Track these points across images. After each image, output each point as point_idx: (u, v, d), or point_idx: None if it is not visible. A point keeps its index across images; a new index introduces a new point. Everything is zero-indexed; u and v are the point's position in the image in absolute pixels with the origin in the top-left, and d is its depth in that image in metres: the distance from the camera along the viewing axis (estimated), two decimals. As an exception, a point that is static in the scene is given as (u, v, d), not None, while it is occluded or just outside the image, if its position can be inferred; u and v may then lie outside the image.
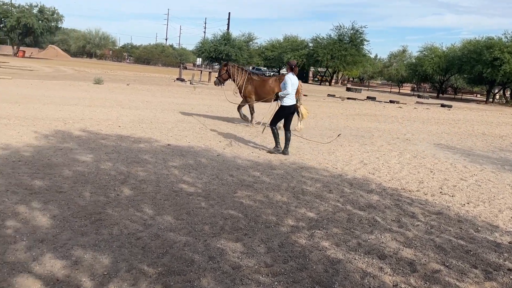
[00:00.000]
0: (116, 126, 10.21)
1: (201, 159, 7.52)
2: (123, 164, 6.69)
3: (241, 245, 4.13)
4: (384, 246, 4.41)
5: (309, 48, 66.59)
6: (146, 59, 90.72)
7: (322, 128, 13.37)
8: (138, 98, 17.68)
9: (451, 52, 56.94)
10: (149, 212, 4.80)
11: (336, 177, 7.18)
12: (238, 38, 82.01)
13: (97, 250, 3.76)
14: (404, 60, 74.94)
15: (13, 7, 60.24)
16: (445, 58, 56.26)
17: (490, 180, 8.00)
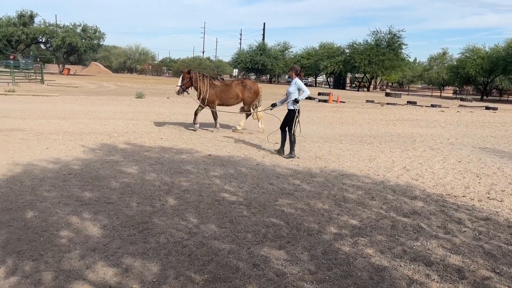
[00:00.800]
0: (159, 138, 10.51)
1: (241, 168, 7.62)
2: (166, 175, 6.88)
3: (285, 252, 4.17)
4: (430, 253, 4.32)
5: (345, 54, 66.05)
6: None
7: (362, 135, 13.22)
8: (178, 110, 18.10)
9: (494, 52, 54.95)
10: (194, 220, 4.92)
11: (378, 184, 7.09)
12: (273, 47, 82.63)
13: (146, 258, 3.90)
14: (445, 62, 72.89)
15: (58, 28, 63.25)
16: (488, 59, 54.34)
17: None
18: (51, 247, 4.03)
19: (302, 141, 11.32)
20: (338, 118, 18.35)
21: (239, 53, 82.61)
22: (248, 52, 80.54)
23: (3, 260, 3.74)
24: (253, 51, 79.62)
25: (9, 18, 59.94)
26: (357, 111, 23.63)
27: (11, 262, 3.71)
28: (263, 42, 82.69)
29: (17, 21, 59.67)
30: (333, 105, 28.05)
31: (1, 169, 6.65)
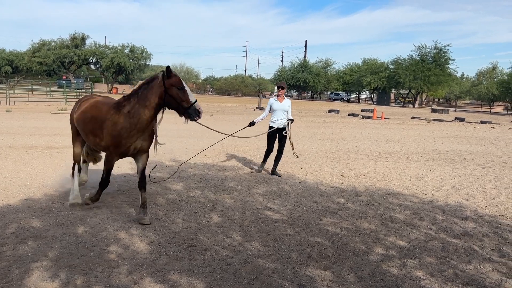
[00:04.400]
0: (203, 155, 10.67)
1: (284, 186, 7.60)
2: (211, 192, 6.96)
3: (330, 273, 4.09)
4: (484, 277, 4.11)
5: (389, 70, 64.98)
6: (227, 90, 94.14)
7: (408, 152, 12.87)
8: (220, 128, 18.33)
9: (549, 65, 52.29)
10: (238, 238, 4.93)
11: (427, 204, 6.85)
12: (315, 64, 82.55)
13: (191, 275, 3.94)
14: (495, 77, 70.18)
15: (107, 49, 66.16)
16: (542, 72, 51.77)
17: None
18: (101, 262, 4.16)
19: (346, 158, 11.17)
20: (383, 135, 17.98)
21: (281, 70, 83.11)
22: (290, 69, 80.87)
23: (56, 273, 3.89)
24: (295, 68, 79.89)
25: (63, 40, 63.30)
26: (403, 127, 23.07)
27: (64, 275, 3.85)
28: (305, 59, 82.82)
29: (70, 43, 62.91)
30: (377, 122, 27.54)
31: (54, 185, 6.96)
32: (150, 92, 5.11)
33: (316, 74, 77.66)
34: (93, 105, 5.65)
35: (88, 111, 5.60)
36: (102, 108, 5.44)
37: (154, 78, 5.21)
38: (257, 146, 12.81)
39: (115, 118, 5.19)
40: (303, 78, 76.75)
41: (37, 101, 30.81)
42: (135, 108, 5.13)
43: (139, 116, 5.11)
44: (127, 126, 5.14)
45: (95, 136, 5.46)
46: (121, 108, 5.21)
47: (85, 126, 5.62)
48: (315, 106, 48.28)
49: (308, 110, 40.20)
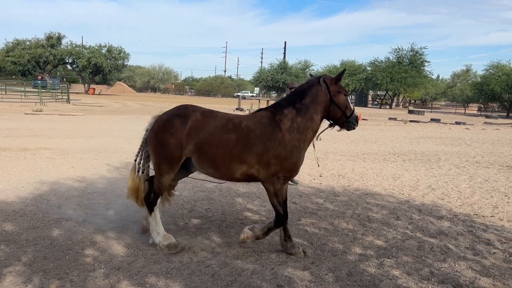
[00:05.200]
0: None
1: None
2: (189, 193, 6.92)
3: (309, 273, 4.11)
4: (459, 275, 4.20)
5: (367, 72, 65.82)
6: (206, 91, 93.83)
7: (385, 153, 13.05)
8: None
9: (520, 68, 53.88)
10: (217, 240, 4.91)
11: (403, 203, 6.96)
12: (294, 66, 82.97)
13: (169, 277, 3.90)
14: (469, 79, 71.90)
15: (84, 48, 65.10)
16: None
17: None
18: (76, 265, 4.08)
19: (325, 159, 11.24)
20: (361, 136, 18.18)
21: (261, 72, 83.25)
22: (269, 70, 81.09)
23: (29, 278, 3.79)
24: (274, 69, 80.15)
25: (38, 40, 62.03)
26: (380, 128, 23.39)
27: (37, 280, 3.76)
28: (284, 60, 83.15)
29: (45, 43, 61.70)
30: (355, 123, 27.74)
31: (28, 188, 6.81)
32: (314, 102, 4.44)
33: (295, 75, 78.03)
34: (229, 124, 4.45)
35: (223, 132, 4.38)
36: (250, 126, 4.41)
37: (313, 85, 4.51)
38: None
39: (279, 136, 4.34)
40: (282, 80, 77.03)
41: (11, 101, 30.08)
42: (298, 122, 4.41)
43: (307, 131, 4.45)
44: (297, 145, 4.40)
45: (241, 163, 4.34)
46: (279, 123, 4.40)
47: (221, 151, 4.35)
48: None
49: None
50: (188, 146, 4.40)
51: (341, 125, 4.65)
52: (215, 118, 4.51)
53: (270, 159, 4.29)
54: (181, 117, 4.50)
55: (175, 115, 4.56)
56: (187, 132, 4.39)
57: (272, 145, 4.30)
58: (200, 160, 4.45)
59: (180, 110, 4.63)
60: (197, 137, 4.38)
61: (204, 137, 4.37)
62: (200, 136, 4.37)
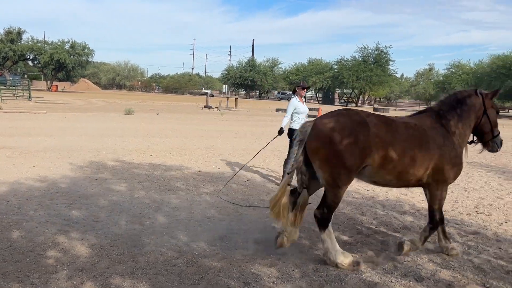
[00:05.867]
0: (148, 155, 10.45)
1: (232, 185, 7.59)
2: (156, 192, 6.83)
3: (276, 270, 4.13)
4: (421, 268, 4.32)
5: (334, 70, 66.80)
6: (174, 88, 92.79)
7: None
8: (167, 126, 18.06)
9: (479, 68, 56.09)
10: (183, 238, 4.87)
11: (368, 199, 7.10)
12: (262, 63, 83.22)
13: (135, 277, 3.84)
14: (431, 78, 74.09)
15: (46, 44, 63.03)
16: (473, 74, 55.43)
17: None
18: (37, 268, 3.95)
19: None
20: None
21: (229, 69, 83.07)
22: (238, 68, 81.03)
23: (-13, 282, 3.65)
24: (243, 67, 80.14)
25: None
26: (346, 126, 23.75)
27: (-4, 283, 3.63)
28: (252, 58, 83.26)
29: (5, 38, 59.39)
30: (322, 121, 28.10)
31: (-14, 188, 6.54)
32: (471, 111, 4.46)
33: (263, 73, 78.33)
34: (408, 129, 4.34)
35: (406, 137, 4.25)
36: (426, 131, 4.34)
37: (471, 95, 4.54)
38: (205, 145, 12.72)
39: (451, 141, 4.38)
40: (251, 77, 77.14)
41: (-33, 98, 28.81)
42: (460, 128, 4.43)
43: (465, 138, 4.48)
44: (461, 150, 4.40)
45: (420, 168, 4.26)
46: (447, 128, 4.41)
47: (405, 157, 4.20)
48: (263, 105, 48.68)
49: (256, 109, 40.47)
50: (371, 154, 4.11)
51: (485, 143, 4.67)
52: (393, 123, 4.33)
53: (444, 163, 4.28)
54: (360, 123, 4.16)
55: (354, 122, 4.16)
56: (371, 139, 4.09)
57: (446, 149, 4.29)
58: (380, 168, 4.20)
59: (354, 116, 4.24)
60: (382, 143, 4.13)
61: (389, 144, 4.14)
62: (385, 143, 4.13)
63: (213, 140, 14.09)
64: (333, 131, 4.09)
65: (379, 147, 4.10)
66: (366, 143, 4.06)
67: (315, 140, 4.18)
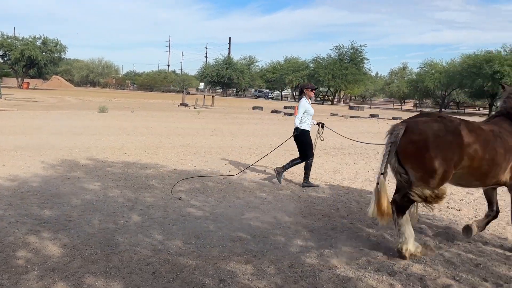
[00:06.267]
0: (122, 153, 10.31)
1: (208, 183, 7.57)
2: (130, 191, 6.74)
3: (251, 267, 4.14)
4: (393, 263, 4.40)
5: (310, 68, 67.30)
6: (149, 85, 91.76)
7: (327, 148, 13.41)
8: (142, 124, 17.85)
9: (451, 67, 57.38)
10: (158, 237, 4.83)
11: (343, 196, 7.19)
12: (239, 61, 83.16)
13: (108, 277, 3.79)
14: (405, 76, 75.48)
15: (17, 40, 61.41)
16: (445, 73, 56.66)
17: (498, 193, 7.96)
18: (7, 268, 3.85)
19: (269, 154, 11.36)
20: (304, 131, 18.56)
21: (205, 67, 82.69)
22: (214, 66, 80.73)
23: (-46, 284, 3.54)
24: (219, 64, 79.89)
25: (-36, 30, 57.76)
26: (322, 124, 23.97)
27: (-38, 286, 3.52)
28: (229, 56, 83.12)
29: (-27, 34, 57.64)
30: (298, 118, 28.31)
31: (-47, 188, 6.34)
32: None
33: (240, 71, 78.28)
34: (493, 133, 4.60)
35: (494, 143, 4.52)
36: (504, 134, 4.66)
37: None
38: (180, 143, 12.62)
39: None
40: (227, 75, 76.99)
41: None
42: None
43: None
44: None
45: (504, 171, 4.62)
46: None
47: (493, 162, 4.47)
48: (239, 103, 48.65)
49: (233, 107, 40.42)
50: (463, 161, 4.28)
51: None
52: (480, 130, 4.51)
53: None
54: (454, 130, 4.31)
55: (448, 128, 4.31)
56: (464, 146, 4.26)
57: None
58: (470, 173, 4.42)
59: (448, 122, 4.39)
60: (473, 150, 4.30)
61: (479, 150, 4.33)
62: (475, 150, 4.31)
63: (189, 138, 14.00)
64: (429, 136, 4.24)
65: (470, 153, 4.30)
66: (460, 150, 4.25)
67: (410, 144, 4.35)
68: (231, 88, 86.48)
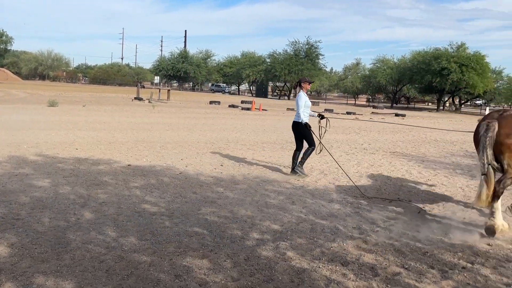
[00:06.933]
0: (73, 148, 9.98)
1: (163, 178, 7.48)
2: (82, 187, 6.55)
3: (207, 261, 4.15)
4: (346, 253, 4.54)
5: (266, 63, 67.59)
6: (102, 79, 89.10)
7: (283, 142, 13.57)
8: (95, 119, 17.34)
9: (402, 63, 59.41)
10: (112, 234, 4.73)
11: (298, 189, 7.31)
12: (195, 55, 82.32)
13: (59, 276, 3.67)
14: (358, 72, 77.41)
15: (-42, 30, 57.88)
16: (396, 69, 58.61)
17: (443, 184, 8.38)
18: None
19: (226, 148, 11.37)
20: (261, 126, 18.70)
21: (160, 60, 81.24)
22: (170, 59, 79.48)
23: None
24: (175, 58, 78.75)
25: None
26: (279, 118, 24.24)
27: None
28: (185, 49, 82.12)
29: None
30: (255, 113, 28.53)
31: None
32: None
33: (196, 65, 77.54)
34: None
35: None
36: None
37: None
38: (135, 138, 12.38)
39: None
40: (183, 69, 76.04)
41: None
42: None
43: None
44: None
45: None
46: None
47: None
48: (196, 97, 48.21)
49: (190, 101, 40.02)
50: None
51: None
52: None
53: None
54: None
55: None
56: None
57: None
58: None
59: None
60: None
61: None
62: None
63: (144, 133, 13.75)
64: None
65: None
66: None
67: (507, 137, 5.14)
68: (188, 82, 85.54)
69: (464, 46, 51.13)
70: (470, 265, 4.36)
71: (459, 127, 24.25)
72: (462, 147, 14.75)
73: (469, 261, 4.47)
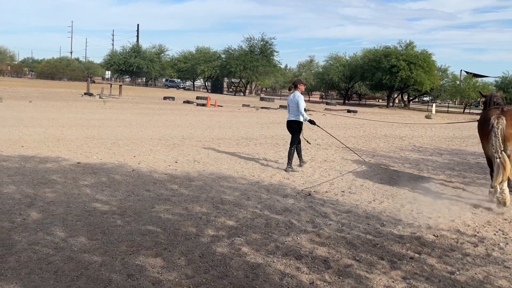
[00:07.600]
0: (19, 146, 9.53)
1: (115, 176, 7.28)
2: (28, 187, 6.26)
3: (161, 259, 4.09)
4: (300, 247, 4.61)
5: (221, 59, 67.25)
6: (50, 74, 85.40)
7: (239, 138, 13.59)
8: (42, 115, 16.62)
9: (353, 60, 60.86)
10: (60, 234, 4.55)
11: (254, 184, 7.35)
12: (148, 50, 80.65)
13: (4, 279, 3.50)
14: (312, 69, 78.66)
15: None
16: (348, 66, 59.99)
17: (393, 178, 8.69)
18: None
19: (181, 145, 11.24)
20: (216, 122, 18.61)
21: (112, 55, 78.95)
22: (122, 53, 77.41)
23: None
24: (127, 52, 76.79)
25: None
26: (234, 115, 24.23)
27: None
28: (138, 43, 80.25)
29: None
30: (211, 109, 28.37)
31: None
32: None
33: (150, 60, 75.98)
34: None
35: None
36: None
37: None
38: (85, 135, 11.97)
39: None
40: (136, 64, 74.30)
41: None
42: None
43: None
44: None
45: None
46: None
47: None
48: (150, 93, 47.29)
49: (143, 96, 39.19)
50: None
51: None
52: None
53: None
54: None
55: None
56: None
57: None
58: None
59: None
60: None
61: None
62: None
63: (94, 130, 13.33)
64: None
65: None
66: None
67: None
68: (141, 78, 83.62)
69: (412, 45, 53.03)
70: (417, 255, 4.55)
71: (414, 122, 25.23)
72: (410, 142, 15.35)
73: (417, 252, 4.67)
